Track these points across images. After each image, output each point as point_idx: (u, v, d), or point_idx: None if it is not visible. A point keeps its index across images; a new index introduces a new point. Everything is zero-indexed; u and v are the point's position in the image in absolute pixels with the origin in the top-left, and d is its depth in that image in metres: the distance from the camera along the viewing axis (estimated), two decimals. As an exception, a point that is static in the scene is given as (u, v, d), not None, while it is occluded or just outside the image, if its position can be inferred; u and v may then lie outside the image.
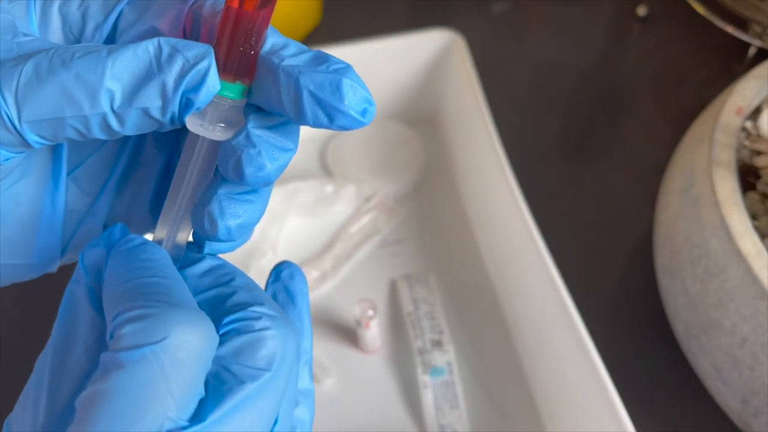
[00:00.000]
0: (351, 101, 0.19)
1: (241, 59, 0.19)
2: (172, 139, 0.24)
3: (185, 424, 0.17)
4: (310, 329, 0.24)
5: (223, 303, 0.20)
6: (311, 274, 0.49)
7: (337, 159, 0.54)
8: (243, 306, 0.19)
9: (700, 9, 0.59)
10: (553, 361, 0.41)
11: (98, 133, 0.19)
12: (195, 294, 0.20)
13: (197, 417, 0.17)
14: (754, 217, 0.38)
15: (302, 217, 0.52)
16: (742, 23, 0.57)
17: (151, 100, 0.19)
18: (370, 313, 0.43)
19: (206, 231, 0.20)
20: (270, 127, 0.20)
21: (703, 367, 0.38)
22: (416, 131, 0.56)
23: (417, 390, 0.44)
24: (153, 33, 0.20)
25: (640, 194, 0.53)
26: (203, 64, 0.19)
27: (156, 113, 0.19)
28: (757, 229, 0.36)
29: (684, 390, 0.43)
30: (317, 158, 0.56)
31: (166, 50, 0.19)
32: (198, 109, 0.19)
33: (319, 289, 0.48)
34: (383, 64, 0.53)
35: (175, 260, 0.21)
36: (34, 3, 0.20)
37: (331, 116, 0.19)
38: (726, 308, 0.35)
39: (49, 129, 0.19)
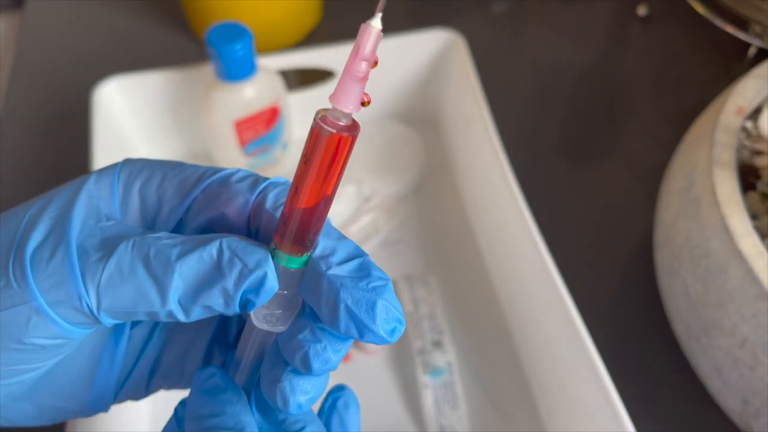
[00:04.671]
0: (382, 322, 0.20)
1: (307, 235, 0.21)
2: None
3: None
4: None
5: None
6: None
7: (337, 159, 0.54)
8: None
9: (700, 9, 0.59)
10: (554, 361, 0.41)
11: (166, 320, 0.21)
12: None
13: None
14: (754, 217, 0.38)
15: (302, 217, 0.52)
16: (742, 23, 0.57)
17: (214, 299, 0.20)
18: (370, 313, 0.43)
19: (279, 407, 0.22)
20: None
21: (704, 367, 0.38)
22: (416, 131, 0.56)
23: (417, 390, 0.43)
24: (221, 219, 0.22)
25: (640, 194, 0.53)
26: (259, 272, 0.20)
27: (219, 309, 0.20)
28: (757, 229, 0.36)
29: (684, 390, 0.43)
30: (317, 158, 0.55)
31: (226, 254, 0.20)
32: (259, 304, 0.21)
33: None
34: (383, 63, 0.53)
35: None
36: (118, 184, 0.22)
37: (362, 333, 0.20)
38: (726, 308, 0.35)
39: (123, 316, 0.20)
